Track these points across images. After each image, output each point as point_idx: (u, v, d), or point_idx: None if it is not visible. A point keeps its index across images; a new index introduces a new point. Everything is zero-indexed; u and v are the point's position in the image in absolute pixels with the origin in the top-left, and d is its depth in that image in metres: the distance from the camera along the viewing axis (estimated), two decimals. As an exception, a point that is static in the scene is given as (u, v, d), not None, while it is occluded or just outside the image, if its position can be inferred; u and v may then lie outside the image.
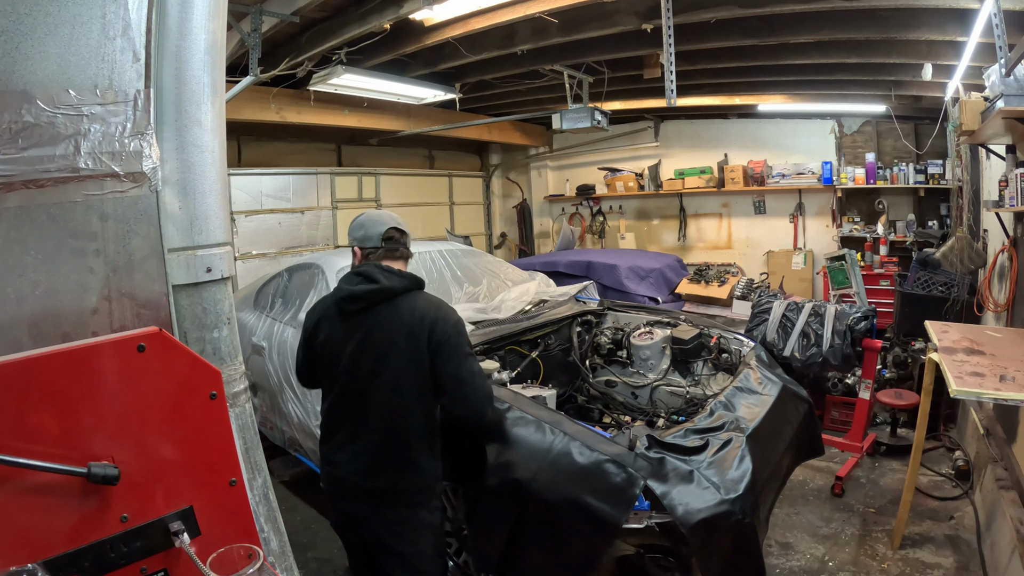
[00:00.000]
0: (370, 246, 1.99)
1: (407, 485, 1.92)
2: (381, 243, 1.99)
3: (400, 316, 1.89)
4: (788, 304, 4.04)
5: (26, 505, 0.87)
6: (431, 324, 1.87)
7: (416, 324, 1.87)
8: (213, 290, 1.27)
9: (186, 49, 1.21)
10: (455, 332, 1.90)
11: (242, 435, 1.27)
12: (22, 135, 1.01)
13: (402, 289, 1.93)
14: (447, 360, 1.87)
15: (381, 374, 1.87)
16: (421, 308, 1.91)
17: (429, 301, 1.96)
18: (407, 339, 1.87)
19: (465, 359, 1.90)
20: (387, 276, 1.92)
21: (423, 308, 1.92)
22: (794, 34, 3.84)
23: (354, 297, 1.91)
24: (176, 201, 1.21)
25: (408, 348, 1.87)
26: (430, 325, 1.87)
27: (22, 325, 1.02)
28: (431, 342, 1.86)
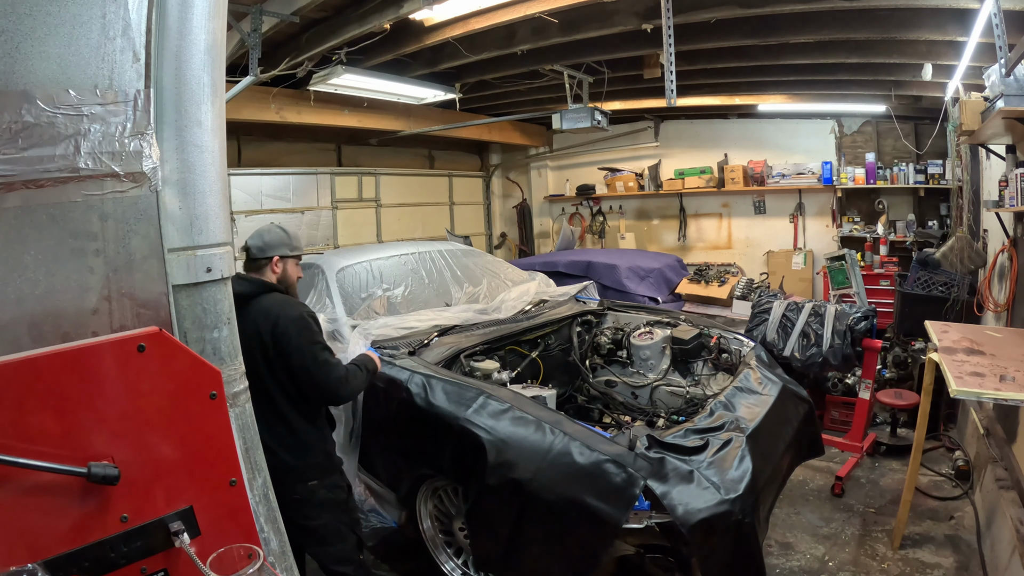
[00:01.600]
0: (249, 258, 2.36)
1: (296, 463, 2.16)
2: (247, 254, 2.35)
3: (251, 315, 2.15)
4: (788, 304, 4.04)
5: (26, 505, 0.87)
6: (273, 321, 2.13)
7: (261, 321, 2.14)
8: (213, 290, 1.27)
9: (186, 49, 1.21)
10: (295, 327, 2.13)
11: (242, 435, 1.27)
12: (22, 135, 1.01)
13: (250, 293, 2.19)
14: (291, 354, 2.12)
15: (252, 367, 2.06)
16: (266, 307, 2.17)
17: (273, 300, 2.21)
18: (257, 336, 2.13)
19: (307, 349, 2.13)
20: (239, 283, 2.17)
21: (267, 307, 2.17)
22: (794, 34, 3.84)
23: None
24: (176, 201, 1.21)
25: (259, 343, 2.12)
26: (272, 322, 2.13)
27: (22, 325, 1.02)
28: (274, 337, 2.12)
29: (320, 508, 2.20)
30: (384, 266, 3.75)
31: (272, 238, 2.31)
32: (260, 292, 2.21)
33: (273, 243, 2.30)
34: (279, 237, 2.33)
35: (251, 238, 2.31)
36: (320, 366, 2.14)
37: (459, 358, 2.92)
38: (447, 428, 2.40)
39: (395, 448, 2.74)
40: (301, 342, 2.12)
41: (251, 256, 2.30)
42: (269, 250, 2.29)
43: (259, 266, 2.28)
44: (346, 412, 2.88)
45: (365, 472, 2.99)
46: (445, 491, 2.65)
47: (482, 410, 2.35)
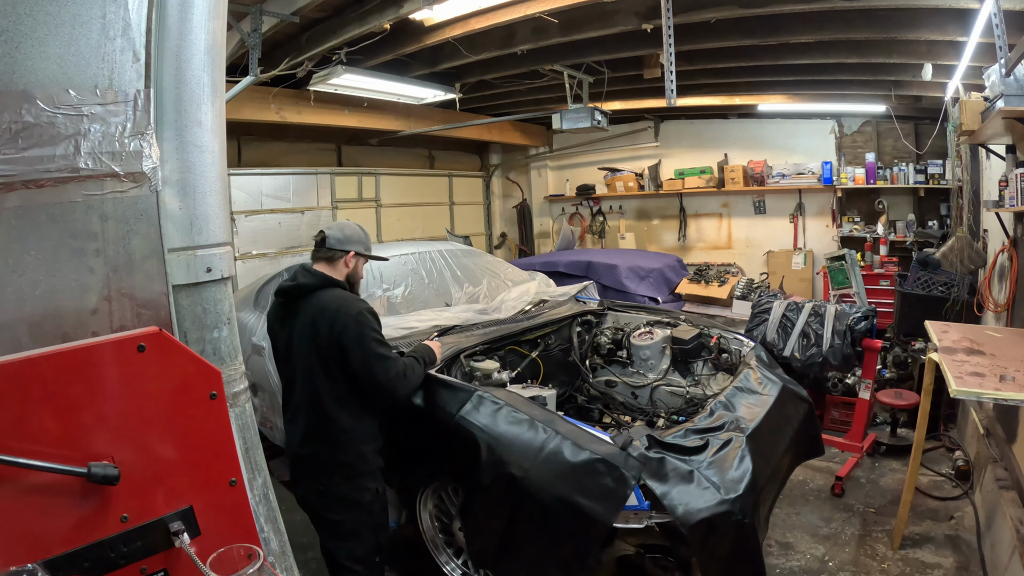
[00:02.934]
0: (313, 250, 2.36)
1: (331, 458, 2.15)
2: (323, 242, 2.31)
3: (310, 308, 2.17)
4: (788, 304, 4.04)
5: (26, 505, 0.87)
6: (332, 316, 2.12)
7: (318, 316, 2.14)
8: (213, 290, 1.27)
9: (186, 49, 1.21)
10: (354, 322, 2.11)
11: (242, 435, 1.27)
12: (22, 135, 1.01)
13: (312, 287, 2.20)
14: (348, 349, 2.10)
15: (303, 359, 2.17)
16: (325, 302, 2.17)
17: (334, 296, 2.19)
18: (312, 329, 2.14)
19: (366, 346, 2.11)
20: (303, 275, 2.24)
21: (327, 302, 2.17)
22: (794, 34, 3.84)
23: (279, 291, 2.28)
24: (176, 201, 1.21)
25: (314, 337, 2.13)
26: (331, 317, 2.12)
27: (22, 325, 1.02)
28: (331, 332, 2.10)
29: (340, 503, 2.19)
30: (384, 266, 3.75)
31: (352, 233, 2.31)
32: (322, 286, 2.20)
33: (353, 238, 2.30)
34: (359, 235, 2.34)
35: (331, 228, 2.30)
36: (378, 361, 2.13)
37: (459, 358, 2.92)
38: (443, 428, 2.40)
39: (394, 448, 2.73)
40: (360, 338, 2.10)
41: (327, 245, 2.27)
42: (348, 244, 2.28)
43: (332, 256, 2.27)
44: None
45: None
46: (445, 491, 2.65)
47: (476, 409, 2.35)
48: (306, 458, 2.19)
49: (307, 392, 2.18)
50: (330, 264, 2.27)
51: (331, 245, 2.27)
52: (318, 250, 2.29)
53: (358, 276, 2.37)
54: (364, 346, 2.11)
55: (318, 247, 2.29)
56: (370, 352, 2.11)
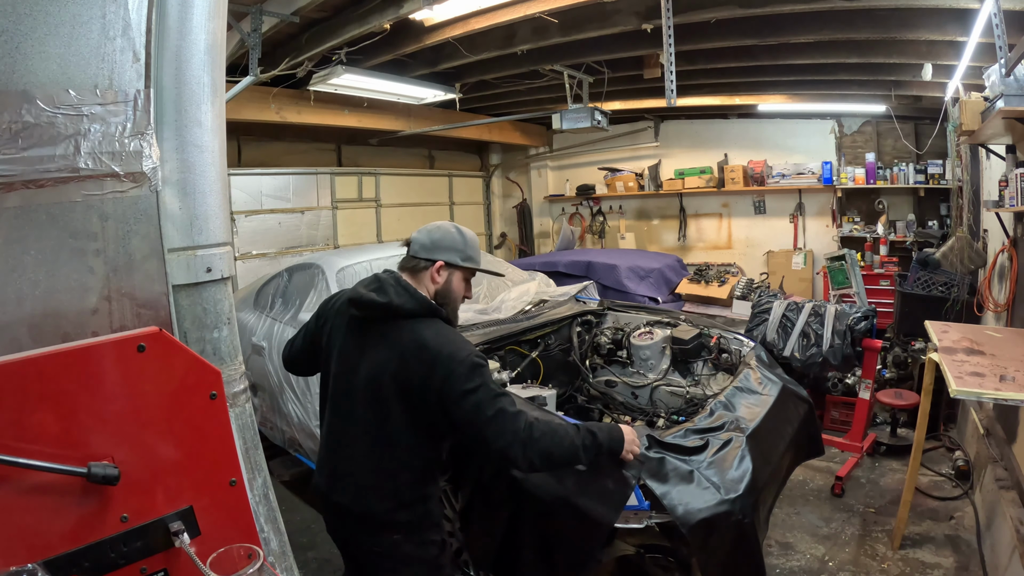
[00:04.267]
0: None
1: (390, 518, 1.74)
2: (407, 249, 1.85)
3: (401, 340, 1.69)
4: (788, 304, 4.04)
5: (26, 505, 0.87)
6: (432, 359, 1.64)
7: (412, 353, 1.66)
8: (213, 290, 1.27)
9: (186, 49, 1.21)
10: (463, 369, 1.63)
11: (242, 435, 1.27)
12: (22, 135, 1.01)
13: (409, 312, 1.71)
14: (453, 401, 1.63)
15: (377, 401, 1.71)
16: (424, 338, 1.68)
17: (436, 332, 1.70)
18: (400, 366, 1.67)
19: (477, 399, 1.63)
20: (397, 291, 1.72)
21: (427, 338, 1.68)
22: (794, 34, 3.84)
23: (360, 303, 1.76)
24: (176, 201, 1.21)
25: (398, 372, 1.67)
26: (431, 360, 1.64)
27: (22, 325, 1.02)
28: (426, 377, 1.64)
29: (403, 563, 1.78)
30: (384, 266, 3.73)
31: (442, 237, 1.82)
32: (422, 314, 1.72)
33: (443, 244, 1.81)
34: (452, 239, 1.82)
35: (419, 232, 1.85)
36: (495, 420, 1.63)
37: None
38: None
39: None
40: (469, 390, 1.62)
41: (411, 252, 1.83)
42: (435, 251, 1.80)
43: (416, 267, 1.80)
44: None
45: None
46: (445, 492, 2.65)
47: None
48: (356, 516, 1.77)
49: (370, 439, 1.73)
50: (414, 275, 1.81)
51: (415, 253, 1.81)
52: (404, 260, 1.85)
53: (453, 294, 1.84)
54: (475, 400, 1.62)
55: (405, 258, 1.85)
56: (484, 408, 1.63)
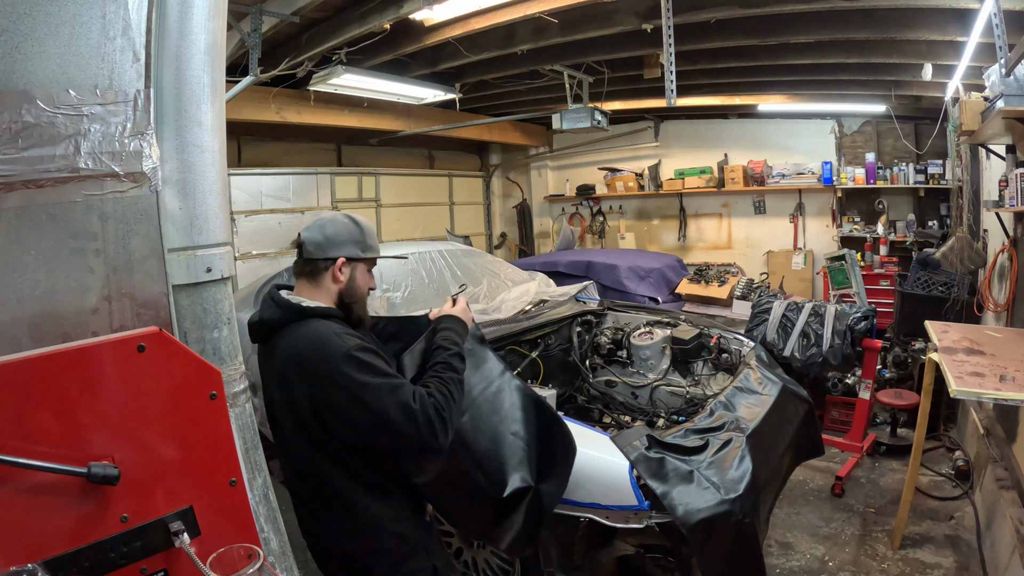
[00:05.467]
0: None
1: (363, 550, 1.58)
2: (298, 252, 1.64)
3: (275, 355, 1.53)
4: (788, 304, 4.04)
5: (26, 505, 0.87)
6: (301, 364, 1.47)
7: (288, 366, 1.50)
8: (213, 290, 1.27)
9: (186, 49, 1.21)
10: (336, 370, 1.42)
11: (242, 435, 1.27)
12: (22, 135, 1.01)
13: (278, 322, 1.54)
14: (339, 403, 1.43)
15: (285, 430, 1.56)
16: (294, 344, 1.50)
17: (305, 333, 1.50)
18: (280, 385, 1.52)
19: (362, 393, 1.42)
20: (268, 305, 1.58)
21: (295, 344, 1.50)
22: (794, 34, 3.84)
23: (251, 330, 1.62)
24: (176, 201, 1.21)
25: (290, 401, 1.50)
26: (301, 365, 1.47)
27: (22, 325, 1.02)
28: (312, 388, 1.45)
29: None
30: (384, 266, 3.75)
31: (337, 231, 1.62)
32: (291, 319, 1.53)
33: (339, 238, 1.62)
34: (347, 231, 1.63)
35: (308, 229, 1.63)
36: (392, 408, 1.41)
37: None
38: None
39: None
40: (348, 383, 1.42)
41: (304, 255, 1.61)
42: (333, 247, 1.60)
43: (315, 270, 1.61)
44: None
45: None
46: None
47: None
48: (334, 554, 1.62)
49: (305, 473, 1.57)
50: (312, 280, 1.61)
51: (310, 254, 1.60)
52: (297, 264, 1.64)
53: (358, 291, 1.65)
54: (356, 390, 1.42)
55: (298, 262, 1.64)
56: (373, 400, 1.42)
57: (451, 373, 1.57)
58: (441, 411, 1.46)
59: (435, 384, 1.52)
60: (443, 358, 1.61)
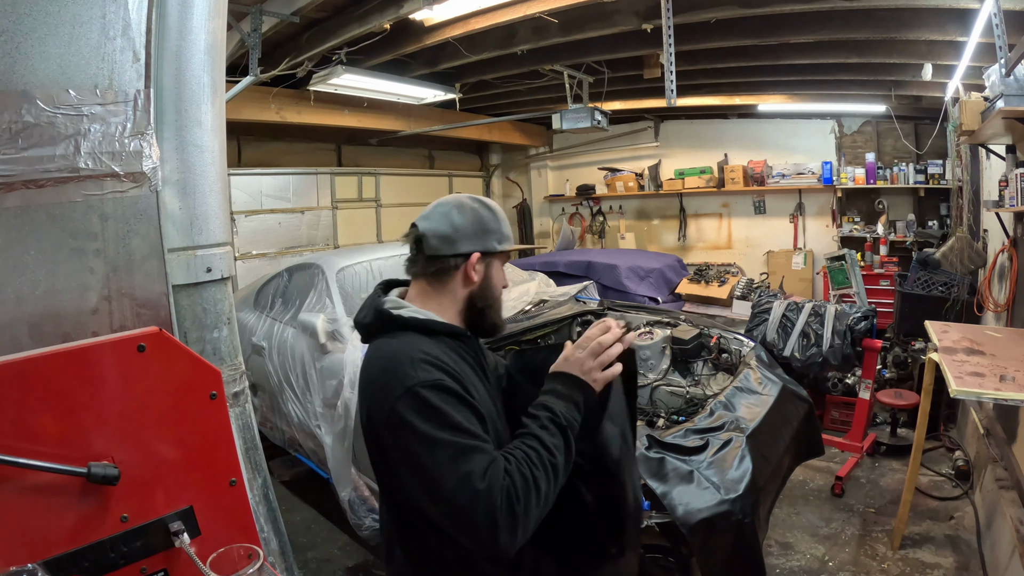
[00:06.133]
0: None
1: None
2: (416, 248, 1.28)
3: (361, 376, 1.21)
4: (788, 304, 4.04)
5: (26, 505, 0.87)
6: (369, 393, 1.15)
7: (363, 390, 1.19)
8: (213, 290, 1.27)
9: (186, 49, 1.21)
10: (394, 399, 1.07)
11: (242, 435, 1.27)
12: (22, 135, 1.01)
13: (366, 331, 1.25)
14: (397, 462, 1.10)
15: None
16: (369, 362, 1.19)
17: (381, 353, 1.17)
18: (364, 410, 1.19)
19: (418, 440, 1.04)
20: (364, 306, 1.27)
21: (370, 362, 1.18)
22: (794, 34, 3.84)
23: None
24: (176, 201, 1.21)
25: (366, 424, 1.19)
26: (368, 394, 1.16)
27: (22, 325, 1.02)
28: (372, 422, 1.15)
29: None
30: (384, 266, 3.75)
31: (467, 220, 1.24)
32: (381, 330, 1.21)
33: (468, 229, 1.23)
34: (479, 219, 1.25)
35: (427, 218, 1.26)
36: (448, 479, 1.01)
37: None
38: None
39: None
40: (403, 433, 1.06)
41: (428, 251, 1.23)
42: (462, 241, 1.22)
43: (442, 269, 1.23)
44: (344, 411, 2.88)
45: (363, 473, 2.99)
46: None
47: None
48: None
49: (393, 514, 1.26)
50: (435, 284, 1.25)
51: (436, 250, 1.22)
52: (414, 262, 1.27)
53: (495, 291, 1.29)
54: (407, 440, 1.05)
55: (415, 255, 1.27)
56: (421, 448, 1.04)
57: (542, 452, 1.08)
58: (514, 502, 1.01)
59: (517, 462, 1.05)
60: (534, 429, 1.11)
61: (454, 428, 1.05)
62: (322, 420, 3.13)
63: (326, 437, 3.04)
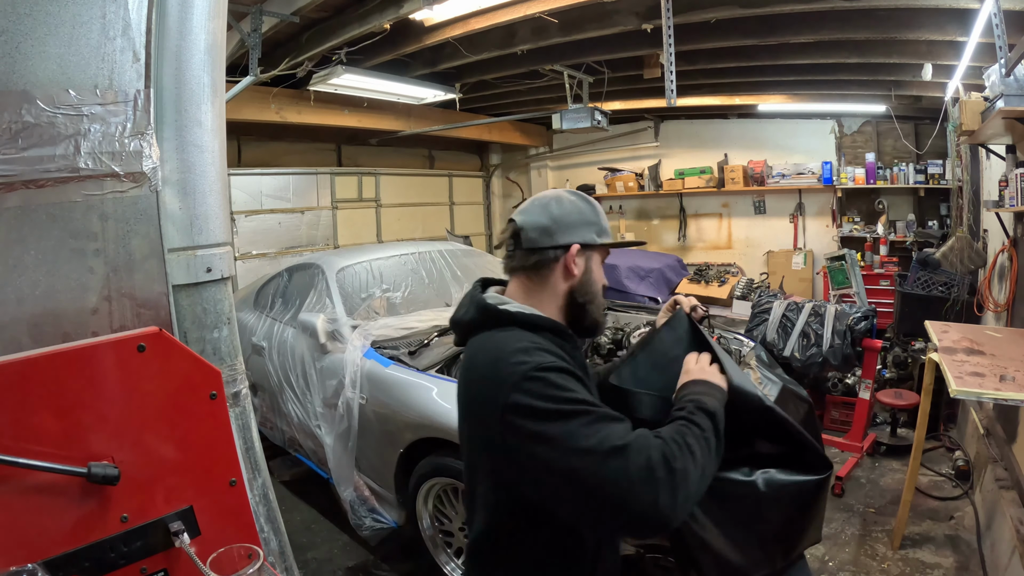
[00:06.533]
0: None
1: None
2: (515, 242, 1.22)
3: (463, 370, 1.17)
4: (788, 304, 4.04)
5: (26, 505, 0.87)
6: (477, 385, 1.09)
7: (462, 380, 1.16)
8: (213, 290, 1.27)
9: (186, 49, 1.21)
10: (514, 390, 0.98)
11: (242, 435, 1.27)
12: (22, 135, 1.01)
13: (466, 328, 1.19)
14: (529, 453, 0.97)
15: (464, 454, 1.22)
16: (473, 357, 1.13)
17: (488, 348, 1.10)
18: (463, 403, 1.16)
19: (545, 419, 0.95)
20: (464, 303, 1.23)
21: (476, 357, 1.12)
22: (794, 34, 3.84)
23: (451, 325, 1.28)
24: (176, 201, 1.21)
25: (467, 417, 1.15)
26: (476, 387, 1.09)
27: (22, 325, 1.02)
28: (483, 416, 1.06)
29: None
30: (384, 266, 3.75)
31: (566, 211, 1.19)
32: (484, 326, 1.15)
33: (570, 220, 1.18)
34: (578, 211, 1.20)
35: (525, 212, 1.21)
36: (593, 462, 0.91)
37: (459, 358, 2.93)
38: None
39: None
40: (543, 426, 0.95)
41: (525, 244, 1.18)
42: (561, 232, 1.17)
43: (541, 262, 1.18)
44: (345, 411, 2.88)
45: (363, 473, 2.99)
46: (445, 491, 2.65)
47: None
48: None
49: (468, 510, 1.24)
50: (534, 278, 1.19)
51: (535, 242, 1.17)
52: (512, 257, 1.21)
53: (595, 286, 1.23)
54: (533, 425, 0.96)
55: (510, 251, 1.22)
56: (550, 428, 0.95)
57: (693, 428, 1.03)
58: (671, 459, 0.93)
59: (667, 431, 1.00)
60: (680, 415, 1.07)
61: (583, 402, 0.98)
62: (322, 420, 3.13)
63: (326, 437, 3.04)
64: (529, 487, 1.02)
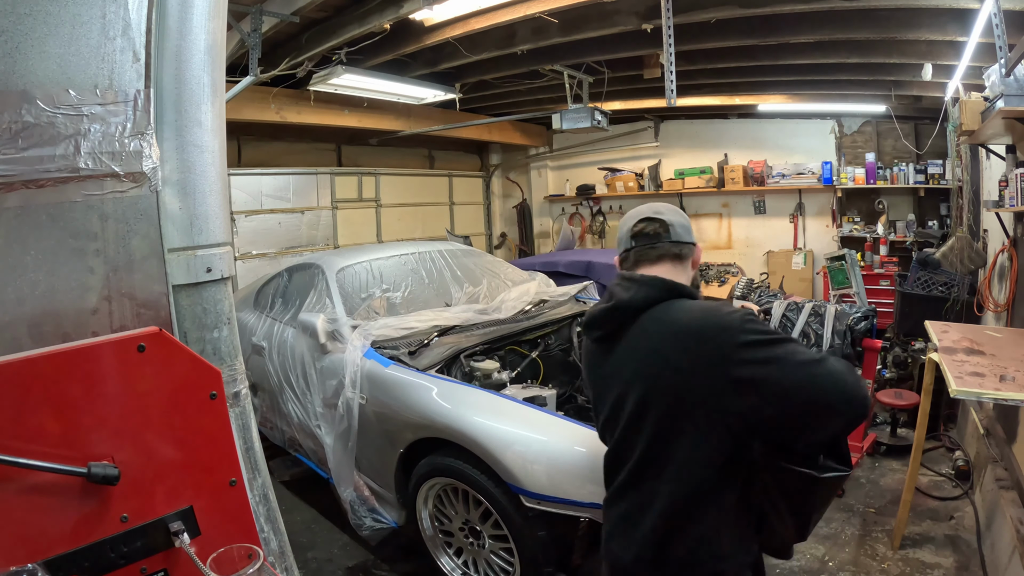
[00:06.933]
0: (622, 252, 1.48)
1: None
2: (631, 244, 1.45)
3: (649, 338, 1.32)
4: (788, 304, 4.04)
5: (26, 505, 0.87)
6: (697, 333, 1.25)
7: (667, 340, 1.29)
8: (213, 290, 1.27)
9: (186, 49, 1.21)
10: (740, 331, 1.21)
11: (242, 435, 1.27)
12: (22, 135, 1.01)
13: (644, 301, 1.34)
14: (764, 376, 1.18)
15: (644, 423, 1.32)
16: (676, 318, 1.30)
17: (689, 307, 1.31)
18: (656, 363, 1.29)
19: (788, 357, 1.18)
20: (626, 287, 1.38)
21: (679, 317, 1.30)
22: (794, 34, 3.84)
23: (593, 323, 1.44)
24: (176, 201, 1.21)
25: (661, 375, 1.28)
26: (696, 334, 1.25)
27: (22, 325, 1.02)
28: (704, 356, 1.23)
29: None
30: (384, 266, 3.75)
31: (683, 217, 1.49)
32: (666, 297, 1.34)
33: (688, 224, 1.48)
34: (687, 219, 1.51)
35: (663, 213, 1.46)
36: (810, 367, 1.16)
37: (459, 358, 2.92)
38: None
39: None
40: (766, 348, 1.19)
41: (674, 237, 1.43)
42: (690, 232, 1.47)
43: (682, 254, 1.43)
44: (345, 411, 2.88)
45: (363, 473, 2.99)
46: (445, 491, 2.65)
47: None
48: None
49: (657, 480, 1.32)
50: (678, 266, 1.43)
51: (680, 236, 1.43)
52: (655, 246, 1.42)
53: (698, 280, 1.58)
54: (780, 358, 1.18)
55: (653, 242, 1.42)
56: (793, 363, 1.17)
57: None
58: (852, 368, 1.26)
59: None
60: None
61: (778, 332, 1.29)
62: (322, 420, 3.13)
63: (326, 437, 3.04)
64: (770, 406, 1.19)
